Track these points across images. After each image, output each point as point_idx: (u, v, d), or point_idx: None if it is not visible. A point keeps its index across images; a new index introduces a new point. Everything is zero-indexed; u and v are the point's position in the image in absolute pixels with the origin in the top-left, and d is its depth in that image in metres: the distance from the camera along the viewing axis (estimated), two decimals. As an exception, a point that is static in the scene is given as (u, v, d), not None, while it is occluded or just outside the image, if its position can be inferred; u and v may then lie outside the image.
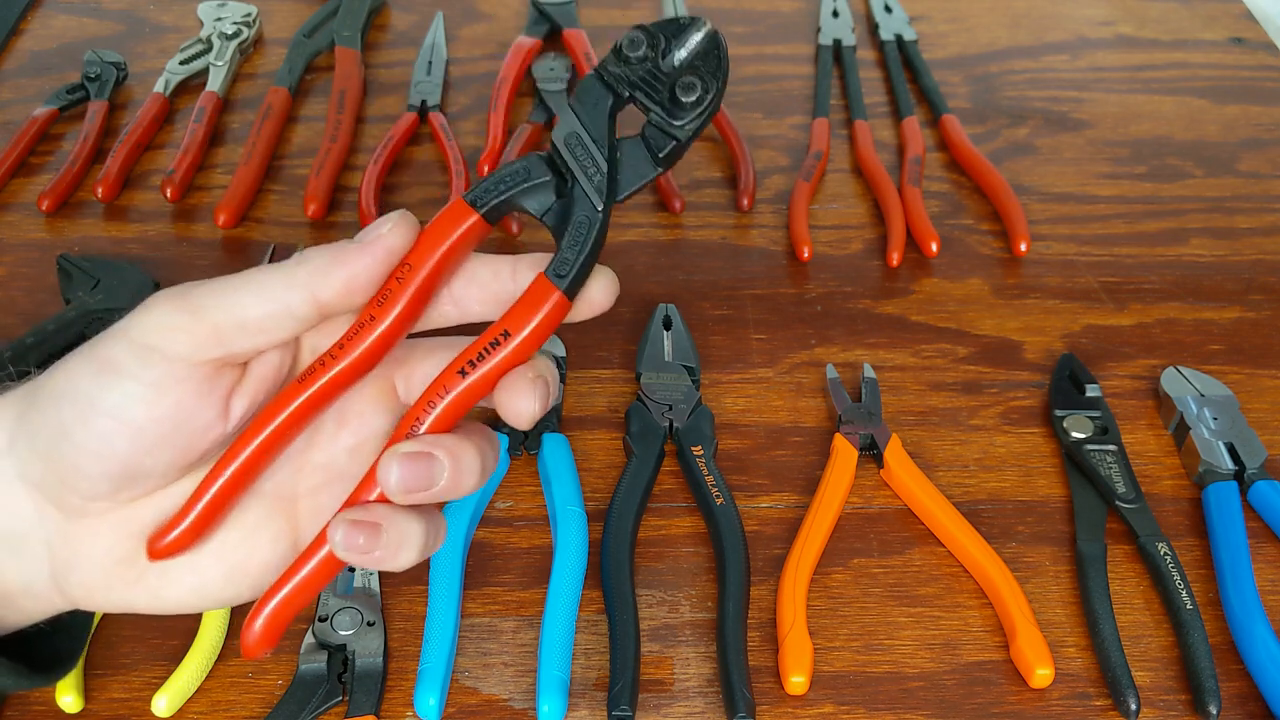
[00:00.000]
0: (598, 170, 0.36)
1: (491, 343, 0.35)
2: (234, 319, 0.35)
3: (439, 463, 0.35)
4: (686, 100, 0.35)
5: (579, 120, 0.36)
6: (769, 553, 0.60)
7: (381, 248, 0.35)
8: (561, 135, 0.36)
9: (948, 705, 0.54)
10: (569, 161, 0.36)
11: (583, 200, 0.36)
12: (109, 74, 0.87)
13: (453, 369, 0.36)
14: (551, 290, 0.35)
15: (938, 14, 1.01)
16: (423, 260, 0.35)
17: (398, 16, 0.98)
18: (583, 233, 0.35)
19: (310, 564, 0.37)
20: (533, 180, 0.36)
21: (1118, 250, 0.79)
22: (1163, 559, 0.58)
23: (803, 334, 0.72)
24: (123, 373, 0.34)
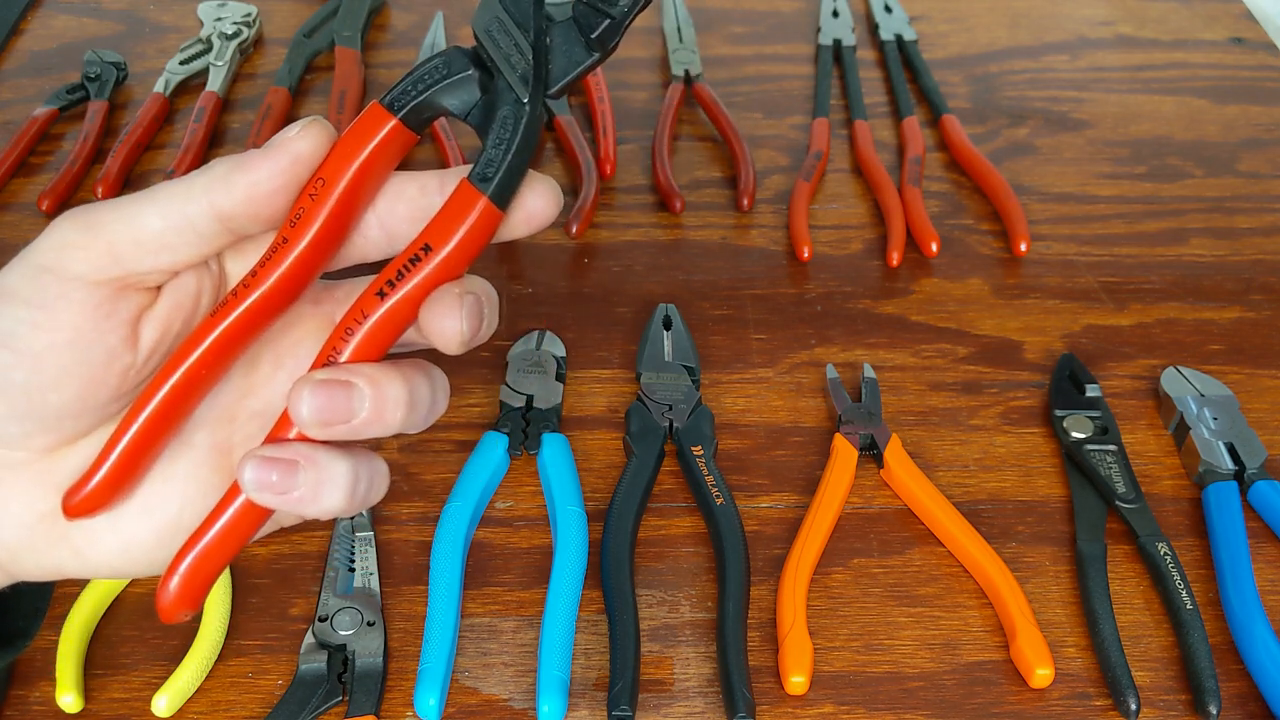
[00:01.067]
0: (522, 59, 0.31)
1: (412, 259, 0.32)
2: (131, 234, 0.32)
3: (358, 391, 0.32)
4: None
5: (501, 4, 0.32)
6: (769, 553, 0.60)
7: (286, 153, 0.32)
8: (482, 23, 0.32)
9: (948, 705, 0.54)
10: (491, 52, 0.32)
11: (507, 94, 0.32)
12: (109, 74, 0.87)
13: (371, 291, 0.32)
14: (476, 196, 0.31)
15: (938, 14, 1.01)
16: (339, 172, 0.32)
17: (398, 16, 0.98)
18: (509, 129, 0.31)
19: (229, 511, 0.33)
20: (453, 75, 0.32)
21: (1118, 250, 0.79)
22: (1163, 559, 0.58)
23: (803, 334, 0.72)
24: (16, 297, 0.32)
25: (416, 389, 0.33)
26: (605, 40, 0.32)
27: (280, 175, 0.32)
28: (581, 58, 0.32)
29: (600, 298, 0.73)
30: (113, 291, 0.33)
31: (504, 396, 0.65)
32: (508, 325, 0.70)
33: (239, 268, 0.35)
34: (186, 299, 0.34)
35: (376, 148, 0.32)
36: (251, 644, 0.55)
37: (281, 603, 0.57)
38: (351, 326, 0.32)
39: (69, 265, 0.32)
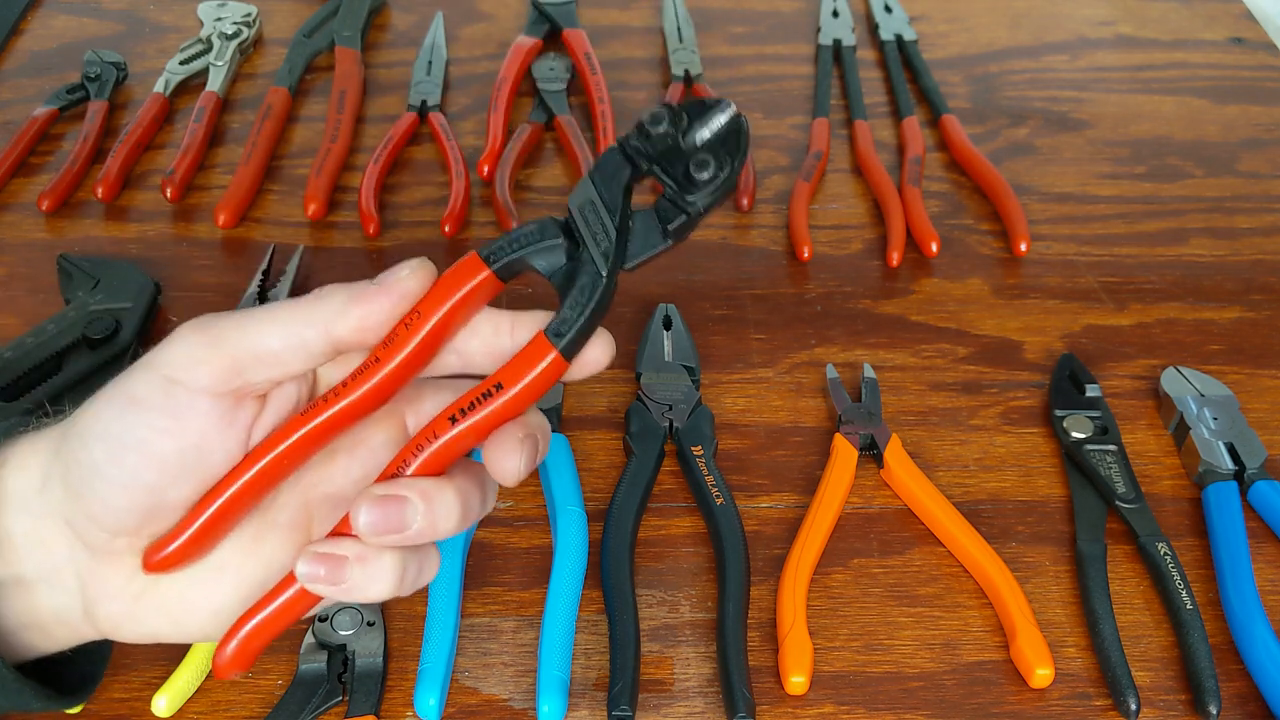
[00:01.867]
0: (606, 238, 0.37)
1: (484, 394, 0.36)
2: (253, 351, 0.36)
3: (412, 505, 0.36)
4: (700, 177, 0.36)
5: (595, 188, 0.37)
6: (769, 553, 0.60)
7: (398, 292, 0.36)
8: (577, 202, 0.37)
9: (948, 705, 0.54)
10: (580, 227, 0.37)
11: (589, 265, 0.37)
12: (109, 74, 0.87)
13: (444, 415, 0.36)
14: (548, 348, 0.36)
15: (938, 14, 1.01)
16: (432, 310, 0.36)
17: (398, 16, 0.98)
18: (585, 295, 0.36)
19: (289, 591, 0.38)
20: (545, 242, 0.37)
21: (1118, 250, 0.79)
22: (1163, 559, 0.58)
23: (803, 334, 0.72)
24: (148, 406, 0.36)
25: (469, 499, 0.37)
26: (680, 233, 0.37)
27: (391, 311, 0.36)
28: (656, 242, 0.37)
29: (600, 298, 0.73)
30: (233, 402, 0.36)
31: (504, 396, 0.65)
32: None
33: (329, 373, 0.39)
34: (288, 404, 0.38)
35: (468, 293, 0.36)
36: (251, 644, 0.55)
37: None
38: (422, 444, 0.36)
39: (196, 379, 0.36)
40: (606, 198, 0.37)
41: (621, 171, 0.37)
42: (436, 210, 0.78)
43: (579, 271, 0.37)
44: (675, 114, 0.36)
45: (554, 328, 0.36)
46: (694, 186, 0.36)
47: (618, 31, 0.97)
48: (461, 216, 0.77)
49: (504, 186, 0.78)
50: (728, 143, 0.36)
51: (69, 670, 0.43)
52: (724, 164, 0.36)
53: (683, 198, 0.36)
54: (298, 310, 0.36)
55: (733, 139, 0.36)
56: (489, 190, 0.80)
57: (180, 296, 0.72)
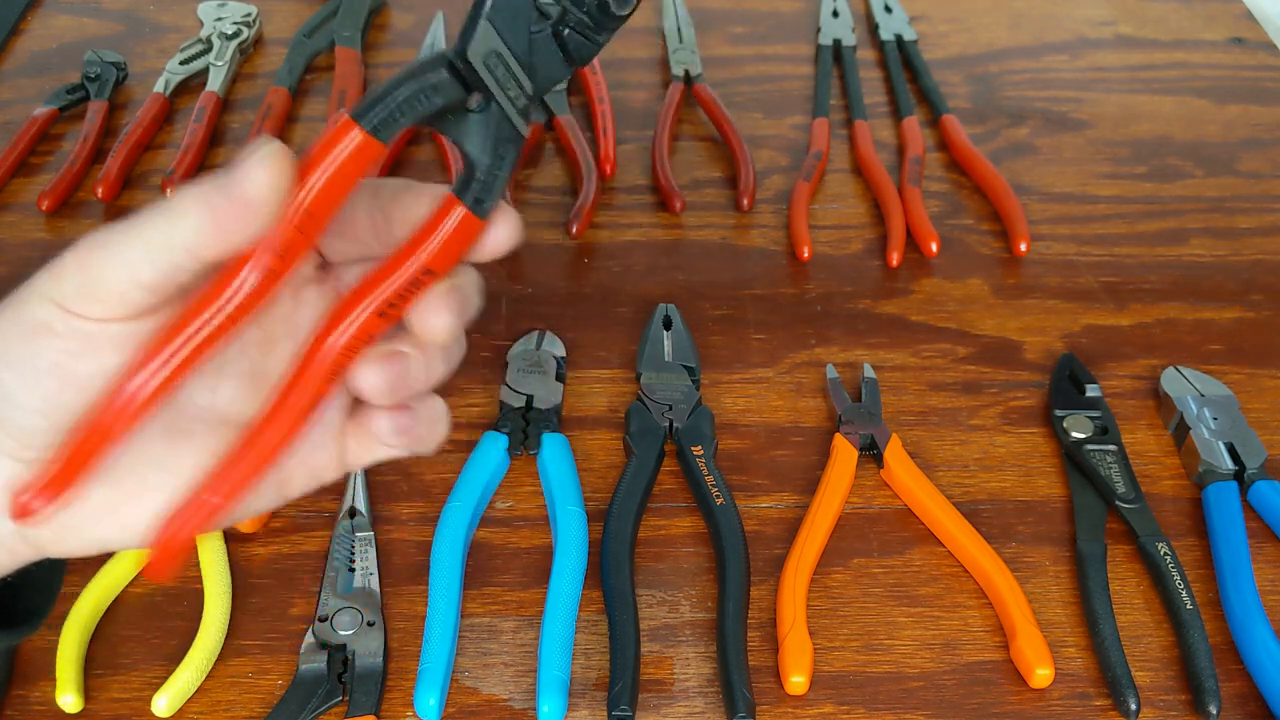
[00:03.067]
0: (522, 93, 0.34)
1: (414, 281, 0.34)
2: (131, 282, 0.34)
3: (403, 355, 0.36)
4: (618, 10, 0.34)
5: (500, 37, 0.33)
6: (769, 553, 0.60)
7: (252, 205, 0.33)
8: (480, 53, 0.33)
9: (948, 705, 0.54)
10: (487, 81, 0.33)
11: (503, 124, 0.34)
12: (109, 74, 0.87)
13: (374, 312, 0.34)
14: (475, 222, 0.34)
15: (938, 14, 1.01)
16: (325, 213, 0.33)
17: (398, 16, 0.98)
18: (506, 158, 0.34)
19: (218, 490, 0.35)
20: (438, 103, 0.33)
21: (1118, 250, 0.79)
22: (1163, 559, 0.58)
23: (803, 334, 0.72)
24: (54, 332, 0.35)
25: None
26: (585, 61, 0.35)
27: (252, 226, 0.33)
28: (559, 74, 0.34)
29: (600, 298, 0.73)
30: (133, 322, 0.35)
31: (504, 396, 0.65)
32: (507, 325, 0.70)
33: None
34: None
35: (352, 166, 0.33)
36: (251, 644, 0.55)
37: (281, 603, 0.57)
38: (354, 347, 0.35)
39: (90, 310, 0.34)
40: (516, 47, 0.33)
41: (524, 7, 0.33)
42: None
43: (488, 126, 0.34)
44: None
45: (475, 195, 0.34)
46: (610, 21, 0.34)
47: (618, 31, 0.97)
48: (461, 216, 0.77)
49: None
50: None
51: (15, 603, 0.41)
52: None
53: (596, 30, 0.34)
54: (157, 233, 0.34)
55: None
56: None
57: (180, 296, 0.72)
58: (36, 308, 0.35)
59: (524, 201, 0.80)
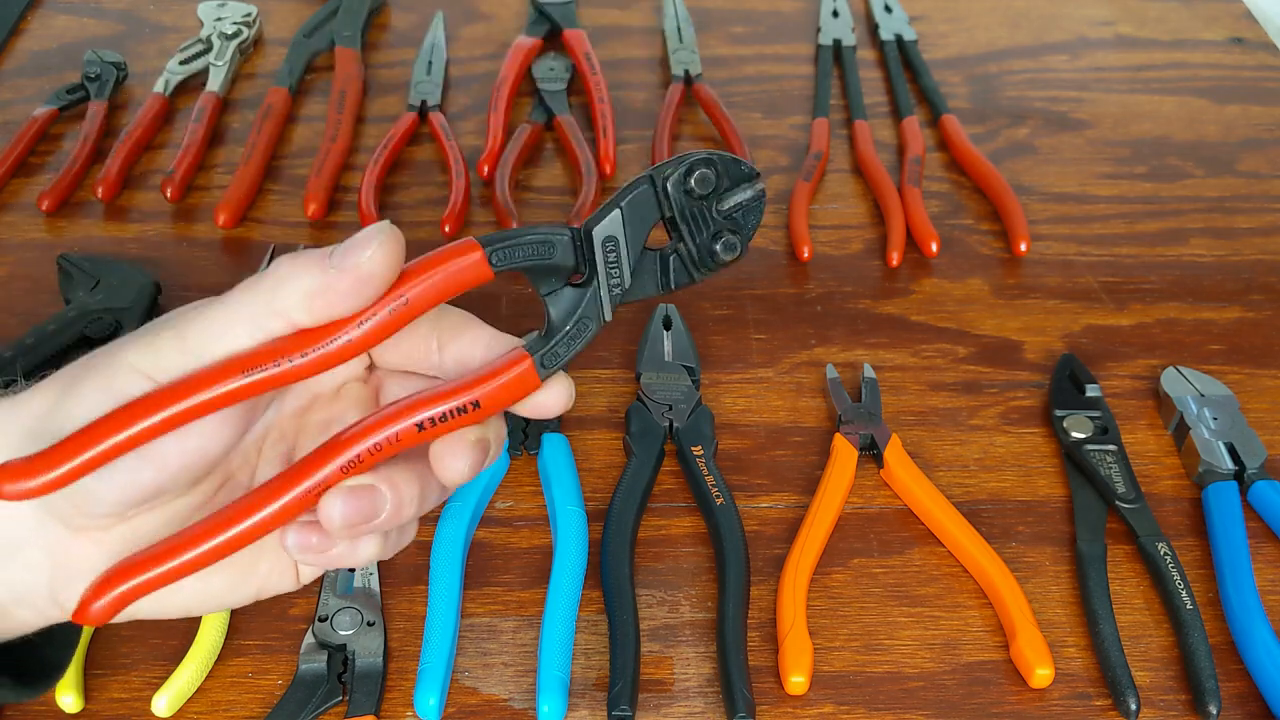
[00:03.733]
0: (620, 284, 0.36)
1: (459, 409, 0.35)
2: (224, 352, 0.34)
3: (381, 495, 0.35)
4: (723, 258, 0.36)
5: (623, 226, 0.35)
6: (769, 553, 0.60)
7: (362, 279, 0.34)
8: (603, 234, 0.35)
9: (948, 705, 0.54)
10: (598, 259, 0.35)
11: (594, 304, 0.36)
12: (109, 74, 0.87)
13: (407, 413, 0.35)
14: (532, 377, 0.36)
15: (938, 14, 1.01)
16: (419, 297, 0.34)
17: (398, 16, 0.98)
18: (583, 334, 0.36)
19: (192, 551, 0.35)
20: (555, 261, 0.35)
21: (1118, 250, 0.79)
22: (1163, 559, 0.58)
23: (803, 334, 0.72)
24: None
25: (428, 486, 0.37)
26: (678, 288, 0.37)
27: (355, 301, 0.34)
28: (650, 291, 0.37)
29: (600, 298, 0.73)
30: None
31: (504, 396, 0.65)
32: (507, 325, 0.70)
33: None
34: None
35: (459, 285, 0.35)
36: (251, 644, 0.55)
37: (281, 602, 0.57)
38: (384, 446, 0.35)
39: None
40: (632, 240, 0.35)
41: (651, 214, 0.36)
42: (436, 210, 0.78)
43: (582, 305, 0.36)
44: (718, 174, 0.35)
45: (544, 358, 0.36)
46: (712, 260, 0.36)
47: (618, 31, 0.97)
48: (461, 216, 0.77)
49: (504, 186, 0.78)
50: (748, 218, 0.36)
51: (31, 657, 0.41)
52: (744, 246, 0.36)
53: (697, 267, 0.36)
54: (258, 302, 0.34)
55: (754, 215, 0.36)
56: (489, 190, 0.80)
57: (180, 296, 0.72)
58: (127, 380, 0.34)
59: (524, 201, 0.80)
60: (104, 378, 0.35)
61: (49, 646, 0.41)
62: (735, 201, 0.36)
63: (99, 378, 0.35)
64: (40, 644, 0.40)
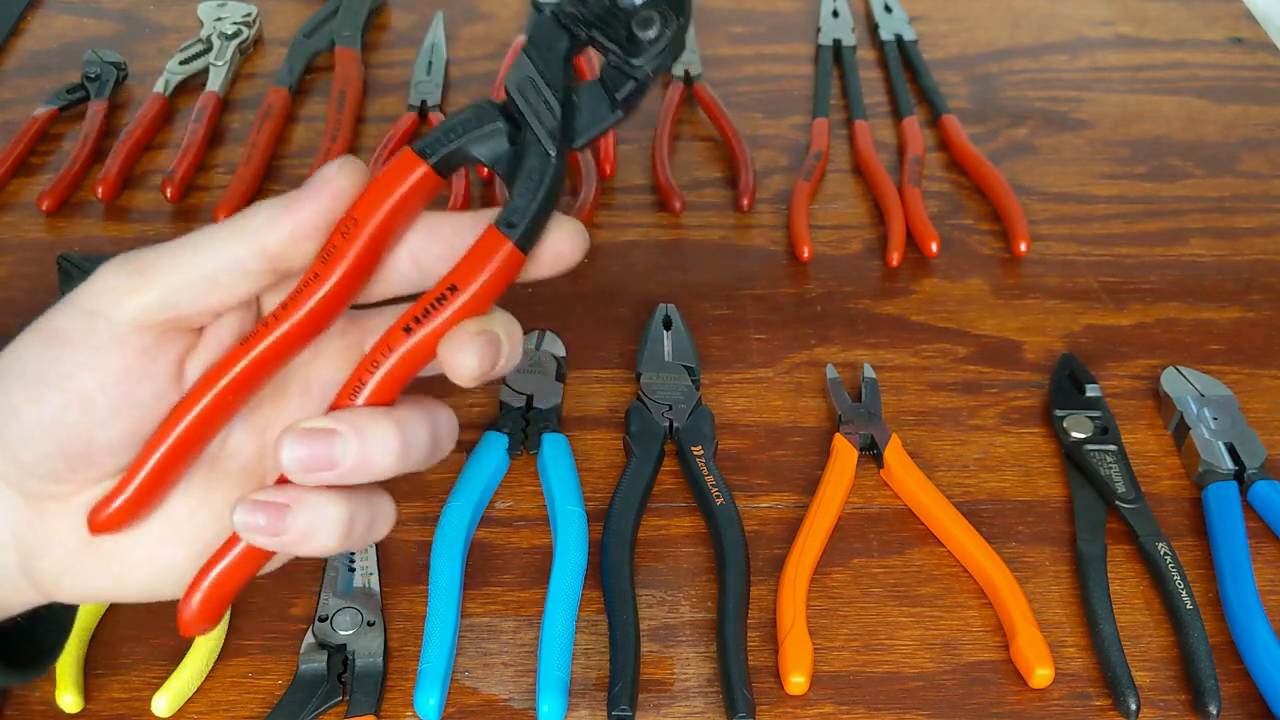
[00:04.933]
0: (551, 115, 0.34)
1: (438, 298, 0.33)
2: (182, 277, 0.33)
3: (340, 439, 0.33)
4: (644, 37, 0.33)
5: (533, 64, 0.34)
6: (769, 553, 0.60)
7: (327, 193, 0.33)
8: (514, 80, 0.34)
9: (948, 705, 0.54)
10: (521, 107, 0.34)
11: (535, 146, 0.34)
12: (109, 74, 0.87)
13: (397, 326, 0.34)
14: (502, 241, 0.34)
15: (938, 14, 1.01)
16: (370, 213, 0.33)
17: (398, 16, 0.98)
18: (534, 180, 0.34)
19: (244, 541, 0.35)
20: (484, 127, 0.34)
21: (1118, 250, 0.79)
22: (1163, 559, 0.58)
23: (803, 334, 0.72)
24: (67, 341, 0.33)
25: (412, 433, 0.34)
26: (630, 102, 0.34)
27: (323, 214, 0.33)
28: (605, 116, 0.34)
29: (600, 298, 0.73)
30: (161, 334, 0.34)
31: (504, 396, 0.65)
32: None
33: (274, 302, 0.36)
34: (228, 336, 0.35)
35: (407, 191, 0.34)
36: (251, 644, 0.55)
37: (281, 602, 0.57)
38: (377, 360, 0.34)
39: (119, 309, 0.33)
40: (545, 71, 0.34)
41: (558, 41, 0.34)
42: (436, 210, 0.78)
43: (525, 154, 0.34)
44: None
45: (505, 218, 0.34)
46: (639, 49, 0.33)
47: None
48: (461, 216, 0.77)
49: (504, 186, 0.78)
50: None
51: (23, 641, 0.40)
52: (669, 20, 0.33)
53: (628, 62, 0.33)
54: (224, 228, 0.33)
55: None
56: (489, 190, 0.80)
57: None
58: (59, 316, 0.34)
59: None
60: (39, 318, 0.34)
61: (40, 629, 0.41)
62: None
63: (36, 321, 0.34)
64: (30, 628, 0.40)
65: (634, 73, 0.34)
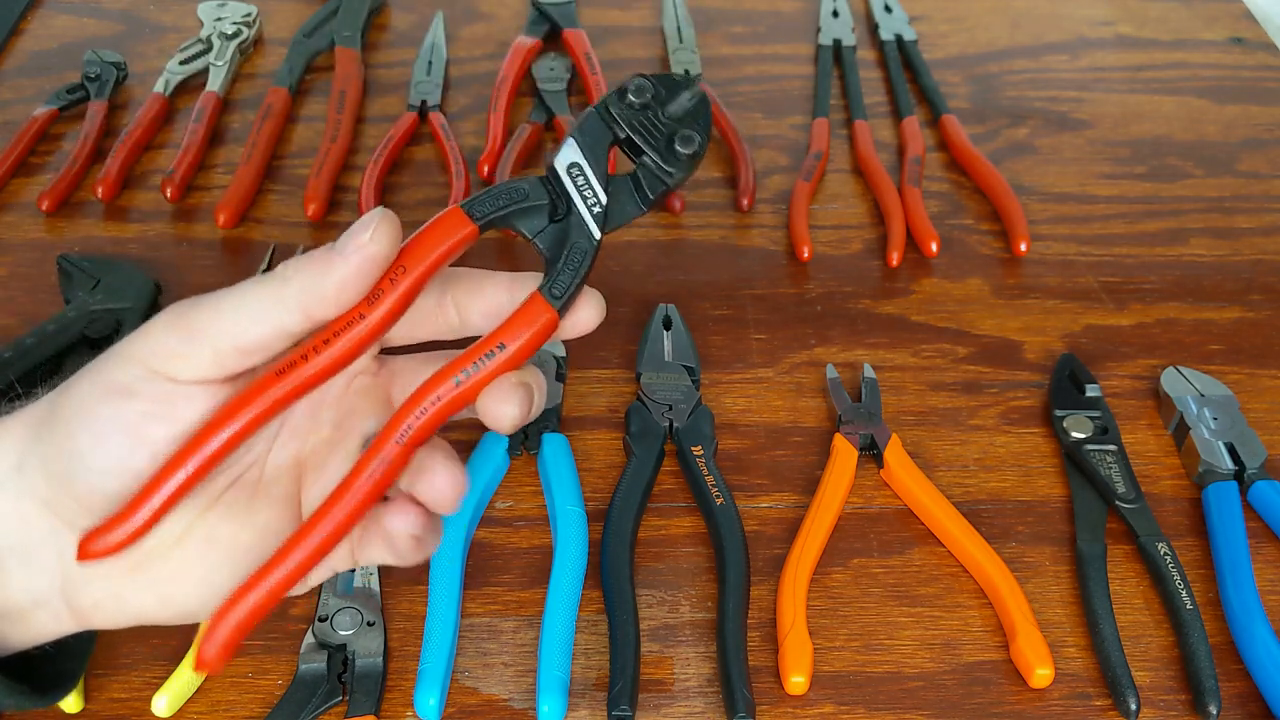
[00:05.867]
0: (598, 202, 0.38)
1: (487, 354, 0.37)
2: (231, 344, 0.35)
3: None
4: (683, 151, 0.37)
5: (581, 151, 0.38)
6: (769, 553, 0.60)
7: (366, 260, 0.35)
8: (564, 163, 0.38)
9: (948, 705, 0.54)
10: (569, 189, 0.38)
11: (580, 228, 0.38)
12: (109, 74, 0.87)
13: (446, 375, 0.37)
14: (546, 309, 0.37)
15: (938, 14, 1.01)
16: (417, 263, 0.37)
17: (398, 16, 0.98)
18: (578, 258, 0.38)
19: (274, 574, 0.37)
20: (530, 202, 0.38)
21: (1118, 250, 0.79)
22: (1163, 559, 0.58)
23: (803, 334, 0.72)
24: (134, 394, 0.35)
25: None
26: (657, 201, 0.38)
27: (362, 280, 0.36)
28: (632, 210, 0.38)
29: (600, 298, 0.73)
30: (218, 385, 0.36)
31: (504, 396, 0.65)
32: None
33: None
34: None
35: (451, 247, 0.37)
36: (251, 644, 0.55)
37: (282, 602, 0.57)
38: (424, 405, 0.37)
39: (178, 371, 0.36)
40: (594, 162, 0.38)
41: (605, 136, 0.38)
42: (436, 210, 0.78)
43: (569, 233, 0.38)
44: (655, 86, 0.38)
45: (550, 288, 0.37)
46: (675, 159, 0.38)
47: (618, 31, 0.97)
48: (461, 216, 0.77)
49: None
50: (699, 117, 0.38)
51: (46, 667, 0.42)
52: (703, 140, 0.38)
53: (664, 169, 0.38)
54: (269, 295, 0.36)
55: (703, 114, 0.38)
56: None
57: (180, 297, 0.71)
58: (119, 369, 0.36)
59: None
60: (94, 369, 0.36)
61: (62, 656, 0.42)
62: (679, 105, 0.38)
63: (91, 370, 0.36)
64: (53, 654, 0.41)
65: (667, 179, 0.38)
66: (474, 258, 0.38)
